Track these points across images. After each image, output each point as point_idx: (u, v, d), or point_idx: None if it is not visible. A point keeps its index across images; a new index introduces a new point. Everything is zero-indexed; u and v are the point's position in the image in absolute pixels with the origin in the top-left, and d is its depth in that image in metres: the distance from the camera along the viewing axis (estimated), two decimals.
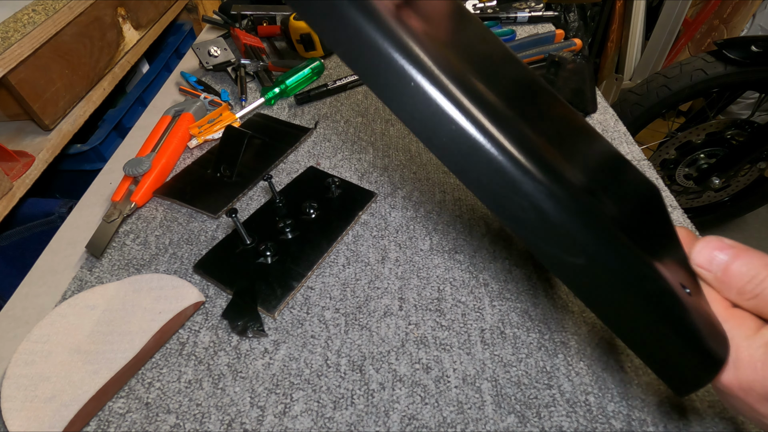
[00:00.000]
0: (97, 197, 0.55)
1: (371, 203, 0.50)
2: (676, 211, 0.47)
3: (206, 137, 0.60)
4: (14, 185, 0.62)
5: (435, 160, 0.55)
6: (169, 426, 0.34)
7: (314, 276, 0.43)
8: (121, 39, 0.86)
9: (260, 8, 0.84)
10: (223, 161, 0.55)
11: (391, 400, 0.34)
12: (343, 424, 0.33)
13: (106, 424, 0.35)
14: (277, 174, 0.55)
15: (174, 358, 0.38)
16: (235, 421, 0.34)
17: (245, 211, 0.50)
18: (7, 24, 0.63)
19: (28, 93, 0.66)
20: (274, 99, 0.66)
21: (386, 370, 0.36)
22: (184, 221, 0.50)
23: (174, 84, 0.74)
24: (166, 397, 0.36)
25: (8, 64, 0.61)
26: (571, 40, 0.72)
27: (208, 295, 0.43)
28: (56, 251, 0.49)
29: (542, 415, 0.33)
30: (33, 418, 0.33)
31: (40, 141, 0.69)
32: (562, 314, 0.39)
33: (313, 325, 0.39)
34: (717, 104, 1.17)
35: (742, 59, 0.98)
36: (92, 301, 0.41)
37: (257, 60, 0.72)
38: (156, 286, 0.42)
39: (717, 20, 1.51)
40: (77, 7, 0.74)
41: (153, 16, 0.96)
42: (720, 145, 1.15)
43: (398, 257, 0.44)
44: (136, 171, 0.52)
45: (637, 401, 0.33)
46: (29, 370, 0.36)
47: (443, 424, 0.33)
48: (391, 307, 0.40)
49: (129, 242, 0.48)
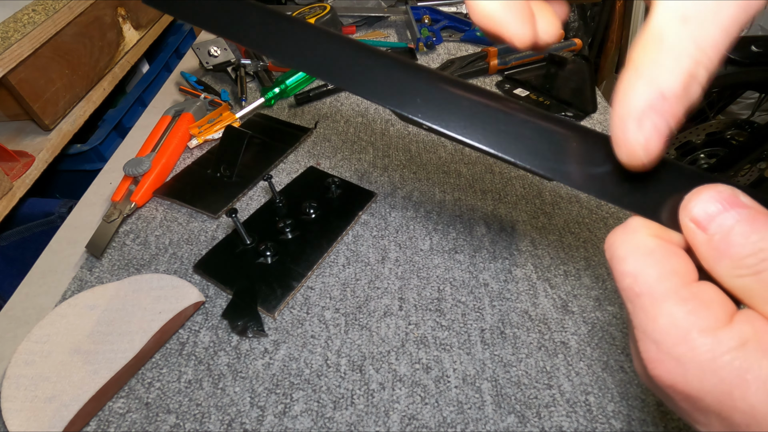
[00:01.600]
0: (97, 197, 0.55)
1: (371, 203, 0.50)
2: None
3: (206, 137, 0.60)
4: (14, 185, 0.62)
5: (435, 160, 0.55)
6: (169, 426, 0.34)
7: (314, 276, 0.43)
8: (121, 39, 0.86)
9: None
10: (223, 161, 0.55)
11: (391, 400, 0.34)
12: (343, 424, 0.33)
13: (106, 424, 0.35)
14: (277, 174, 0.55)
15: (174, 358, 0.38)
16: (235, 421, 0.34)
17: (245, 211, 0.50)
18: (7, 24, 0.63)
19: (28, 93, 0.66)
20: (274, 99, 0.66)
21: (386, 370, 0.36)
22: (184, 221, 0.50)
23: (174, 84, 0.74)
24: (166, 397, 0.36)
25: (8, 64, 0.61)
26: (571, 40, 0.72)
27: (208, 295, 0.43)
28: (56, 251, 0.49)
29: (542, 415, 0.33)
30: (33, 418, 0.33)
31: (40, 141, 0.69)
32: (562, 314, 0.39)
33: (313, 325, 0.39)
34: (717, 104, 1.17)
35: (742, 59, 0.98)
36: (92, 301, 0.41)
37: (257, 60, 0.72)
38: (156, 286, 0.42)
39: None
40: (77, 7, 0.74)
41: (153, 16, 0.96)
42: (720, 145, 1.15)
43: (398, 257, 0.44)
44: (136, 171, 0.52)
45: (637, 401, 0.33)
46: (29, 370, 0.36)
47: (443, 424, 0.33)
48: (391, 307, 0.40)
49: (129, 242, 0.48)
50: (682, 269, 0.16)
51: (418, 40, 0.74)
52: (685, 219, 0.16)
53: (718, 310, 0.15)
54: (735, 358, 0.14)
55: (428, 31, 0.76)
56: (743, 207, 0.16)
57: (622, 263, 0.17)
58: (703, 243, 0.16)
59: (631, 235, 0.17)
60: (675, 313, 0.16)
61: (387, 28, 0.83)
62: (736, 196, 0.16)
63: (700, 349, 0.15)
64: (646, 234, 0.17)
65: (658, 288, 0.16)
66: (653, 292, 0.16)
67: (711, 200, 0.16)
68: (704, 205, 0.16)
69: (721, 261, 0.16)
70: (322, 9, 0.73)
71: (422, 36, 0.74)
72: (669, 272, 0.16)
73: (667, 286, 0.16)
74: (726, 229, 0.15)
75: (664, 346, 0.16)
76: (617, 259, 0.17)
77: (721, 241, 0.16)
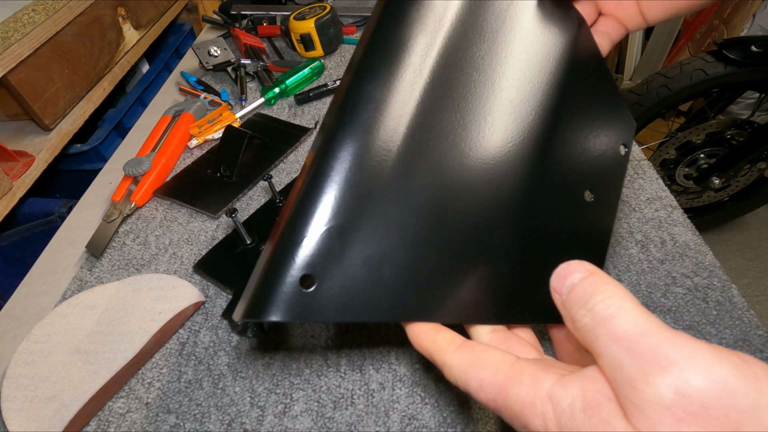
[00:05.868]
0: (97, 197, 0.55)
1: None
2: (676, 211, 0.47)
3: (206, 137, 0.60)
4: (14, 185, 0.62)
5: None
6: (169, 426, 0.34)
7: None
8: (121, 39, 0.86)
9: (260, 8, 0.84)
10: (223, 161, 0.55)
11: (391, 400, 0.34)
12: (343, 424, 0.33)
13: (106, 424, 0.35)
14: (277, 174, 0.55)
15: (174, 358, 0.38)
16: (235, 421, 0.34)
17: (245, 211, 0.50)
18: (7, 24, 0.63)
19: (28, 93, 0.66)
20: (274, 99, 0.66)
21: (386, 370, 0.36)
22: (184, 221, 0.50)
23: (174, 84, 0.74)
24: (166, 397, 0.36)
25: (8, 64, 0.61)
26: None
27: (208, 295, 0.43)
28: (56, 251, 0.49)
29: None
30: (33, 418, 0.33)
31: (40, 141, 0.69)
32: None
33: (313, 325, 0.39)
34: (717, 104, 1.17)
35: (742, 59, 0.98)
36: (92, 301, 0.41)
37: (257, 60, 0.72)
38: (156, 286, 0.42)
39: (717, 20, 1.51)
40: (77, 7, 0.74)
41: (153, 16, 0.96)
42: (720, 145, 1.15)
43: None
44: (136, 171, 0.52)
45: None
46: (29, 370, 0.36)
47: (443, 424, 0.33)
48: None
49: (129, 242, 0.48)
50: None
51: None
52: (551, 291, 0.19)
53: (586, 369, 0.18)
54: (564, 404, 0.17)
55: None
56: (586, 270, 0.18)
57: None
58: (560, 306, 0.19)
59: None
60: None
61: None
62: (582, 263, 0.19)
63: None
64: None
65: (497, 381, 0.19)
66: (499, 387, 0.19)
67: (563, 269, 0.19)
68: (558, 274, 0.19)
69: (567, 319, 0.18)
70: (322, 9, 0.73)
71: None
72: (500, 360, 0.20)
73: (504, 375, 0.19)
74: (572, 287, 0.18)
75: (528, 424, 0.18)
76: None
77: (567, 298, 0.18)
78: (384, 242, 0.22)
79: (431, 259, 0.23)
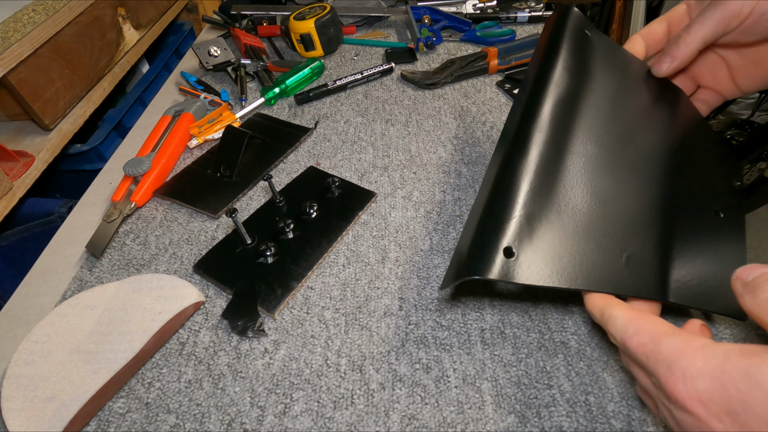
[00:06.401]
0: (97, 197, 0.55)
1: (371, 203, 0.50)
2: None
3: (206, 137, 0.60)
4: (14, 185, 0.62)
5: (435, 160, 0.55)
6: (169, 426, 0.34)
7: (314, 276, 0.43)
8: (121, 39, 0.86)
9: (260, 8, 0.84)
10: (223, 161, 0.55)
11: (391, 400, 0.34)
12: (343, 424, 0.33)
13: (106, 424, 0.35)
14: (277, 174, 0.55)
15: (174, 358, 0.38)
16: (235, 421, 0.34)
17: (245, 211, 0.50)
18: (7, 24, 0.63)
19: (28, 93, 0.66)
20: (274, 99, 0.66)
21: (386, 370, 0.36)
22: (184, 221, 0.50)
23: (174, 84, 0.74)
24: (166, 397, 0.36)
25: (8, 64, 0.61)
26: None
27: (208, 295, 0.43)
28: (56, 251, 0.49)
29: (542, 415, 0.33)
30: (33, 418, 0.33)
31: (40, 141, 0.69)
32: (562, 314, 0.39)
33: (313, 325, 0.39)
34: None
35: None
36: (92, 301, 0.41)
37: (257, 60, 0.72)
38: (156, 286, 0.42)
39: None
40: (77, 7, 0.74)
41: (153, 16, 0.96)
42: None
43: (398, 257, 0.44)
44: (136, 171, 0.52)
45: (637, 401, 0.33)
46: (29, 370, 0.36)
47: (443, 424, 0.33)
48: (391, 307, 0.40)
49: (129, 242, 0.48)
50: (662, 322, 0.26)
51: (418, 40, 0.74)
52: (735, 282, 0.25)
53: (701, 338, 0.23)
54: (725, 360, 0.21)
55: (428, 31, 0.76)
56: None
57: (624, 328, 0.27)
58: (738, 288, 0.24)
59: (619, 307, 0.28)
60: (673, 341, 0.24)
61: (387, 28, 0.83)
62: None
63: (698, 359, 0.22)
64: (626, 307, 0.28)
65: (655, 332, 0.25)
66: (654, 335, 0.25)
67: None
68: (744, 270, 0.25)
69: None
70: (322, 9, 0.73)
71: (422, 36, 0.74)
72: (659, 321, 0.26)
73: (662, 329, 0.25)
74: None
75: (674, 366, 0.23)
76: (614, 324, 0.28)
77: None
78: (561, 229, 0.31)
79: (592, 247, 0.31)
